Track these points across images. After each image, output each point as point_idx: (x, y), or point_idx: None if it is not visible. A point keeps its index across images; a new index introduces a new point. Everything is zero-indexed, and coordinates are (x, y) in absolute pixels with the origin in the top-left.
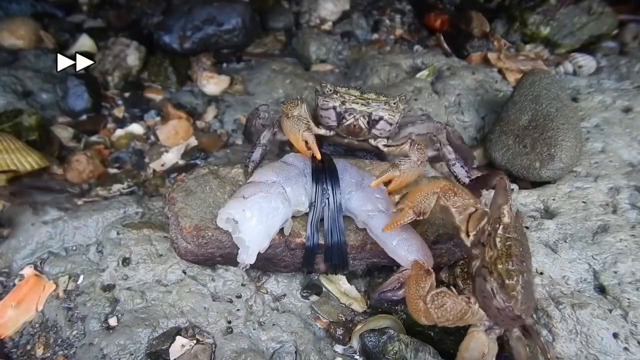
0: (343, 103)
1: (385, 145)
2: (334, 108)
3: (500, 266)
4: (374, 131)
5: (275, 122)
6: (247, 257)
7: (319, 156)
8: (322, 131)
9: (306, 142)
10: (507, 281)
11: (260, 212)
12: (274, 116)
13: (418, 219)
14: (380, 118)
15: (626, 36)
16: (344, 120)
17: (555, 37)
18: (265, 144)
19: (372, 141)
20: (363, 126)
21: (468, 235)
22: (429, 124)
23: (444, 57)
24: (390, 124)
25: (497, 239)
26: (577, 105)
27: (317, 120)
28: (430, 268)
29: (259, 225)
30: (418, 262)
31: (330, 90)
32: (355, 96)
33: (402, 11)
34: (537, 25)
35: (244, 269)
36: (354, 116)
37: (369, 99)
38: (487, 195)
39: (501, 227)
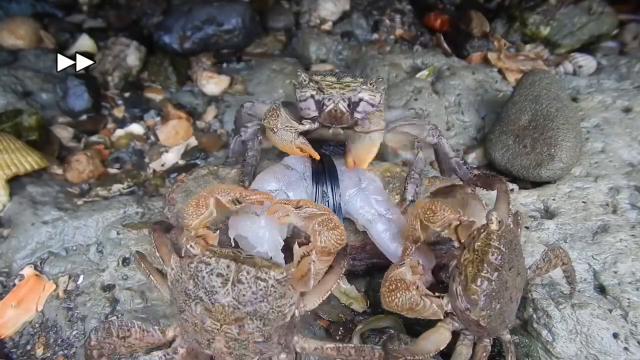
0: (320, 90)
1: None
2: (312, 97)
3: (470, 269)
4: (356, 114)
5: (257, 133)
6: None
7: (317, 156)
8: (306, 126)
9: (301, 149)
10: (470, 284)
11: (272, 224)
12: (259, 112)
13: (416, 245)
14: (361, 99)
15: (626, 36)
16: (324, 107)
17: (555, 37)
18: (255, 155)
19: (357, 128)
20: (344, 110)
21: (461, 243)
22: (421, 127)
23: (444, 57)
24: (372, 105)
25: (477, 243)
26: (577, 105)
27: (300, 114)
28: (406, 261)
29: (273, 234)
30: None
31: (306, 80)
32: (332, 82)
33: (402, 11)
34: (537, 25)
35: None
36: (334, 101)
37: (346, 82)
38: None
39: (485, 233)
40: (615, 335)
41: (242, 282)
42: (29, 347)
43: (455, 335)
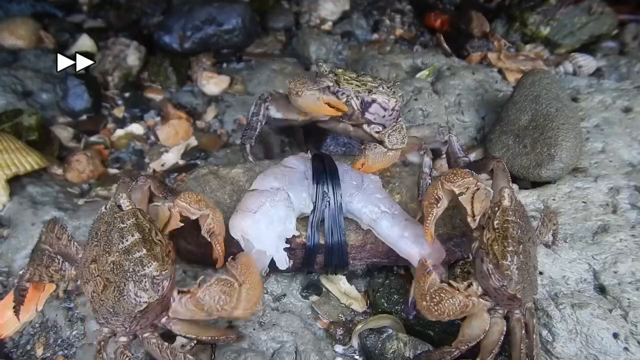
0: (337, 83)
1: (377, 132)
2: (328, 87)
3: (496, 247)
4: (367, 115)
5: (268, 97)
6: (263, 262)
7: (345, 107)
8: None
9: (329, 104)
10: (501, 261)
11: (271, 221)
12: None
13: (439, 209)
14: (374, 101)
15: (626, 36)
16: None
17: (555, 37)
18: (260, 120)
19: (366, 127)
20: (355, 107)
21: (474, 219)
22: (432, 127)
23: (444, 57)
24: (385, 109)
25: (496, 221)
26: (577, 105)
27: None
28: (430, 267)
29: (273, 233)
30: (420, 260)
31: (327, 70)
32: (351, 77)
33: (402, 11)
34: (537, 25)
35: (264, 274)
36: (347, 96)
37: (364, 81)
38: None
39: (500, 210)
40: (615, 335)
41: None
42: (29, 347)
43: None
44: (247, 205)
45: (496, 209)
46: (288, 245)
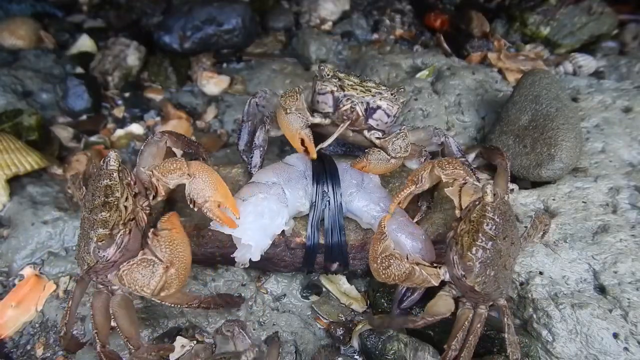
0: (341, 88)
1: (377, 138)
2: (332, 92)
3: (465, 239)
4: (370, 121)
5: (266, 120)
6: (243, 256)
7: (314, 155)
8: (317, 119)
9: (302, 141)
10: (466, 252)
11: (259, 212)
12: (268, 104)
13: (417, 189)
14: (378, 107)
15: (626, 36)
16: (341, 106)
17: (555, 37)
18: (262, 144)
19: (366, 133)
20: (360, 113)
21: (461, 212)
22: (427, 130)
23: (444, 57)
24: (388, 115)
25: (473, 215)
26: (577, 105)
27: (313, 107)
28: (386, 233)
29: (257, 225)
30: (380, 224)
31: (329, 74)
32: (355, 82)
33: (402, 11)
34: (537, 25)
35: (242, 267)
36: (352, 102)
37: (368, 87)
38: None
39: (480, 205)
40: (615, 335)
41: None
42: (29, 347)
43: (456, 303)
44: (239, 193)
45: (477, 203)
46: (271, 242)
